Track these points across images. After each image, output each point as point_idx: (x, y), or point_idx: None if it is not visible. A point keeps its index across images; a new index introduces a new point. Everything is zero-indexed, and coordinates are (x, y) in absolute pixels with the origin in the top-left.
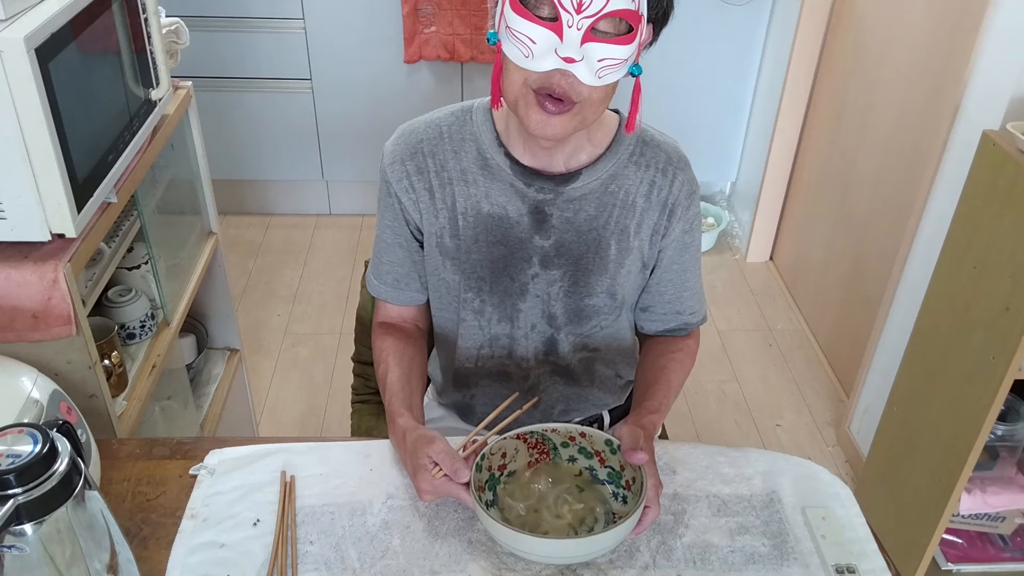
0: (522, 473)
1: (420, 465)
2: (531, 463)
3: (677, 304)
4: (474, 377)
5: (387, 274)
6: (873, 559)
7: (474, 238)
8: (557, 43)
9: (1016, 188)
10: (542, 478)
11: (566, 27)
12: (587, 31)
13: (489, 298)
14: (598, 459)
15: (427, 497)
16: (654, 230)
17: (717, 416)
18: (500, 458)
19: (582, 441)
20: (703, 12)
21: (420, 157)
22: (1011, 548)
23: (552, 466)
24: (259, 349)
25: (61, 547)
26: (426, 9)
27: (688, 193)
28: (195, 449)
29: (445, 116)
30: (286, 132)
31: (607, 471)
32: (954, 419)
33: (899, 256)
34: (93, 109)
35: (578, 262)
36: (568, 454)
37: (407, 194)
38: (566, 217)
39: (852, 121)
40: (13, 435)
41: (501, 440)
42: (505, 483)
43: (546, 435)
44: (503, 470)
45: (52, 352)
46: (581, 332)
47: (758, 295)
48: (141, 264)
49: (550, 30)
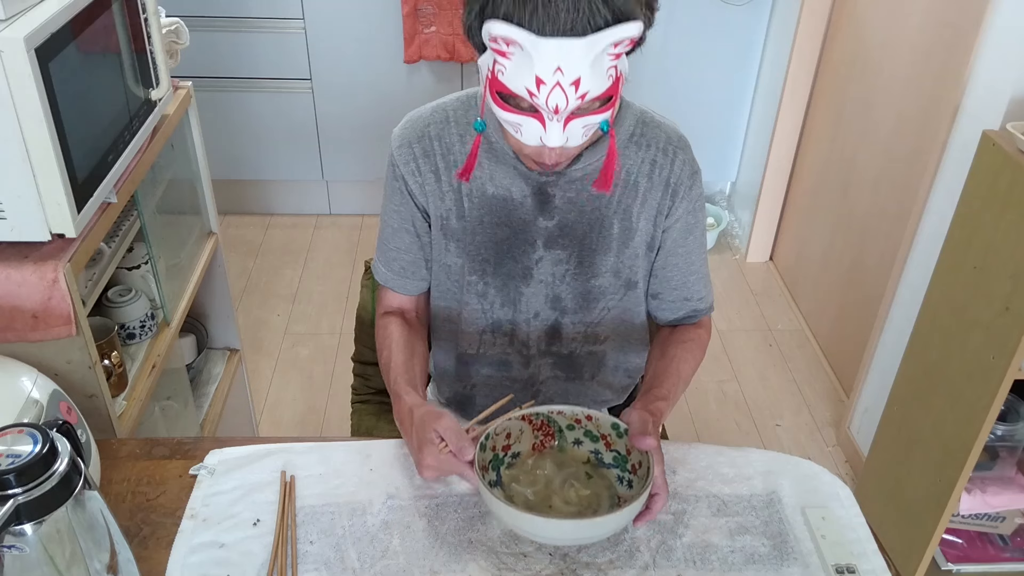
0: (527, 457)
1: (426, 439)
2: (536, 446)
3: (684, 290)
4: (475, 365)
5: (394, 261)
6: (873, 559)
7: (479, 219)
8: (541, 131)
9: (1016, 188)
10: (547, 462)
11: (547, 120)
12: (568, 116)
13: (493, 280)
14: (604, 443)
15: (428, 473)
16: (658, 210)
17: (717, 416)
18: (505, 439)
19: (588, 424)
20: (703, 12)
21: (427, 140)
22: (1011, 548)
23: (558, 451)
24: (259, 349)
25: (61, 547)
26: (426, 9)
27: (690, 173)
28: (195, 449)
29: (451, 101)
30: (286, 132)
31: (613, 455)
32: (954, 419)
33: (899, 256)
34: (93, 109)
35: (582, 242)
36: (573, 437)
37: (413, 177)
38: (569, 197)
39: (852, 121)
40: (13, 435)
41: (506, 421)
42: (509, 464)
43: (552, 417)
44: (507, 451)
45: (52, 352)
46: (588, 320)
47: (758, 295)
48: (141, 264)
49: (533, 119)
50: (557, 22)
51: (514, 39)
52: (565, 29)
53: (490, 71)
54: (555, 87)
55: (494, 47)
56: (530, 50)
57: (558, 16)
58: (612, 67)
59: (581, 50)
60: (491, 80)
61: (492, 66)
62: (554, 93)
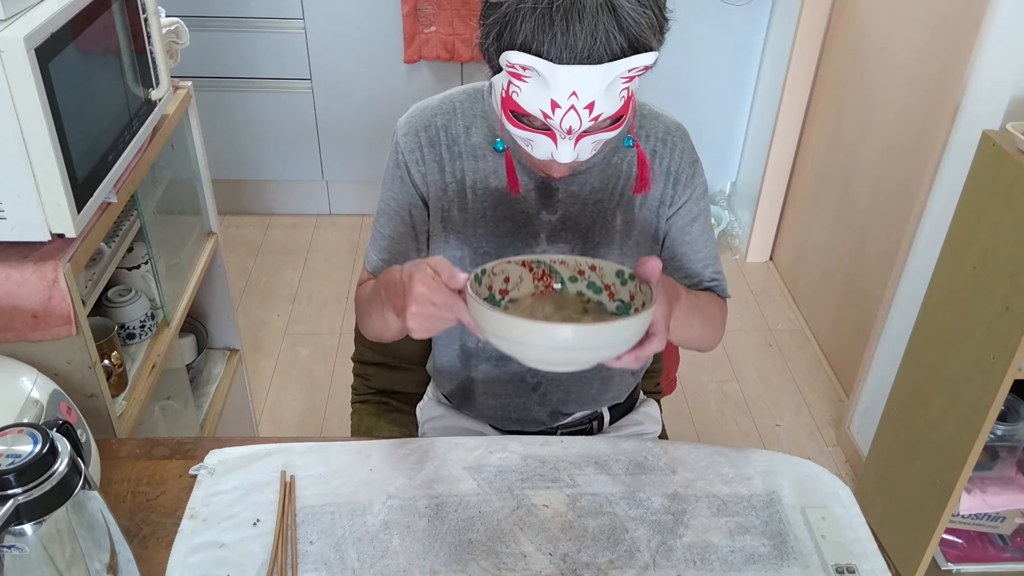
0: (525, 299)
1: (418, 268)
2: (535, 295)
3: (693, 278)
4: (476, 359)
5: (385, 250)
6: (873, 559)
7: (481, 212)
8: (553, 148)
9: (1016, 188)
10: (547, 304)
11: (560, 138)
12: (579, 135)
13: None
14: (607, 293)
15: (414, 309)
16: (660, 201)
17: (717, 416)
18: (503, 282)
19: (592, 275)
20: (703, 12)
21: (433, 130)
22: (1011, 548)
23: (559, 296)
24: (259, 349)
25: (61, 547)
26: (426, 9)
27: (691, 162)
28: (195, 449)
29: (458, 93)
30: (286, 132)
31: (616, 304)
32: (954, 419)
33: (899, 256)
34: (93, 109)
35: (585, 235)
36: (576, 288)
37: (417, 166)
38: (572, 191)
39: (852, 121)
40: (13, 435)
41: (505, 263)
42: (505, 308)
43: (554, 267)
44: (504, 295)
45: (52, 352)
46: None
47: (758, 295)
48: (141, 264)
49: (546, 136)
50: (575, 50)
51: (532, 67)
52: (582, 57)
53: (504, 90)
54: (570, 110)
55: (511, 71)
56: (547, 76)
57: (576, 44)
58: (624, 88)
59: (597, 77)
60: (505, 99)
61: (507, 87)
62: (568, 116)
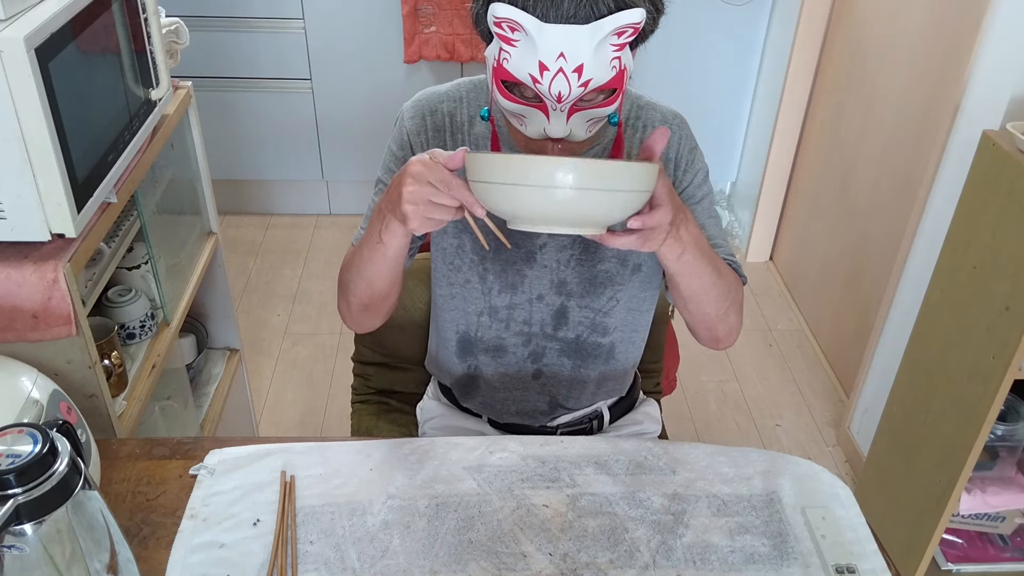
0: None
1: (415, 159)
2: None
3: None
4: (475, 348)
5: None
6: (873, 559)
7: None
8: (545, 122)
9: (1016, 188)
10: None
11: (551, 110)
12: (572, 107)
13: (492, 266)
14: None
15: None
16: None
17: (717, 416)
18: None
19: None
20: (703, 12)
21: (439, 116)
22: (1011, 548)
23: None
24: (259, 349)
25: (61, 547)
26: (426, 9)
27: (689, 148)
28: (195, 449)
29: (465, 83)
30: (286, 132)
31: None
32: (954, 419)
33: (899, 256)
34: (93, 109)
35: None
36: None
37: (422, 148)
38: None
39: (852, 121)
40: (13, 435)
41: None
42: None
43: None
44: None
45: (52, 352)
46: (596, 307)
47: (758, 295)
48: (141, 264)
49: (537, 109)
50: (560, 9)
51: (518, 23)
52: (568, 16)
53: (495, 60)
54: (558, 73)
55: (499, 33)
56: (534, 36)
57: (561, 3)
58: (616, 58)
59: (584, 37)
60: (496, 68)
61: (498, 55)
62: (557, 80)
